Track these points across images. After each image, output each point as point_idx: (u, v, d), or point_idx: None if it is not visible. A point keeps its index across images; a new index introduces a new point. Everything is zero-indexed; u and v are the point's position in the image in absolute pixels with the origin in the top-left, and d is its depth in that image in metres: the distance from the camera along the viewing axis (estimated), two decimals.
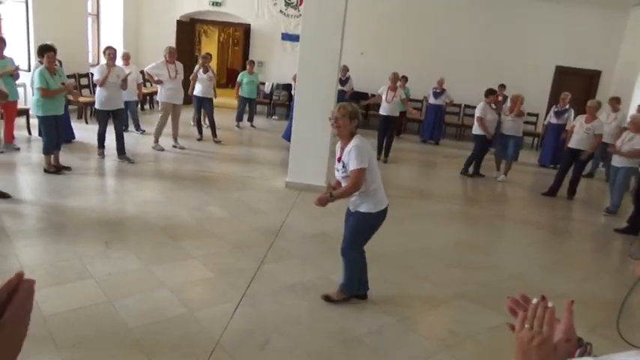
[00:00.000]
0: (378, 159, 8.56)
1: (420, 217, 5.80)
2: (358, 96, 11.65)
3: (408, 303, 3.71)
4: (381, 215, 3.44)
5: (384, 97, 8.38)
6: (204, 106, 8.51)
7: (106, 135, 6.76)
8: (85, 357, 2.72)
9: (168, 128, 7.79)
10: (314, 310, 3.46)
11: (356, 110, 3.38)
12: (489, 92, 7.94)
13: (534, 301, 0.93)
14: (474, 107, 8.26)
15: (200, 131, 8.69)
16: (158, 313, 3.20)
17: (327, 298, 3.55)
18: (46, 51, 5.80)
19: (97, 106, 6.64)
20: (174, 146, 7.84)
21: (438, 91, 10.60)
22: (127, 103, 8.27)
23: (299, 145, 6.20)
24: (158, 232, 4.56)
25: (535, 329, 0.89)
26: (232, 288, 3.64)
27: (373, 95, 11.45)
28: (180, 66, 7.78)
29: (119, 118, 6.75)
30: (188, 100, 8.72)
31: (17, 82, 6.86)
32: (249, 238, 4.63)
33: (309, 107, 6.05)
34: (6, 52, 6.72)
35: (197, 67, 8.50)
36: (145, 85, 10.06)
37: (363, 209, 3.39)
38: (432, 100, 10.68)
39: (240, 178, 6.71)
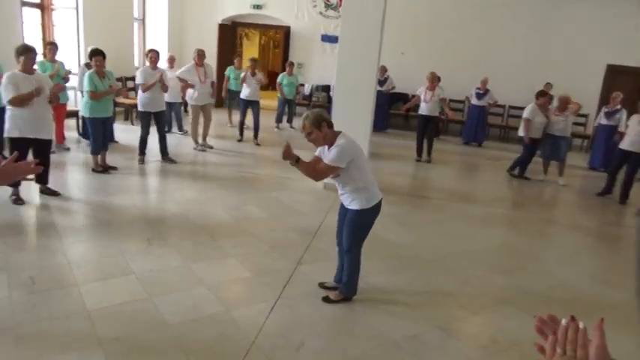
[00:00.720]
0: (418, 160, 8.46)
1: (462, 220, 5.65)
2: (397, 97, 11.54)
3: (448, 308, 3.60)
4: (375, 210, 3.42)
5: (422, 97, 8.29)
6: (252, 108, 8.59)
7: (149, 138, 6.90)
8: (126, 351, 2.78)
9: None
10: (350, 313, 3.41)
11: (317, 115, 3.32)
12: (540, 94, 7.63)
13: (563, 322, 0.86)
14: (520, 108, 8.00)
15: (241, 132, 8.80)
16: (196, 310, 3.24)
17: (327, 300, 3.51)
18: (95, 55, 6.02)
19: (139, 107, 6.82)
20: (203, 145, 7.97)
21: (481, 92, 10.33)
22: (171, 104, 8.50)
23: None
24: (198, 230, 4.64)
25: (568, 354, 0.81)
26: (268, 288, 3.64)
27: (413, 96, 11.33)
28: (210, 68, 7.93)
29: (161, 120, 6.91)
30: (220, 101, 8.86)
31: (67, 84, 7.15)
32: (287, 239, 4.63)
33: (347, 108, 6.00)
34: (57, 57, 7.02)
35: (246, 70, 8.62)
36: None
37: (355, 206, 3.36)
38: (474, 101, 10.42)
39: (278, 178, 6.74)
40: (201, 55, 7.68)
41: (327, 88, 11.51)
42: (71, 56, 8.98)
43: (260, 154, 8.13)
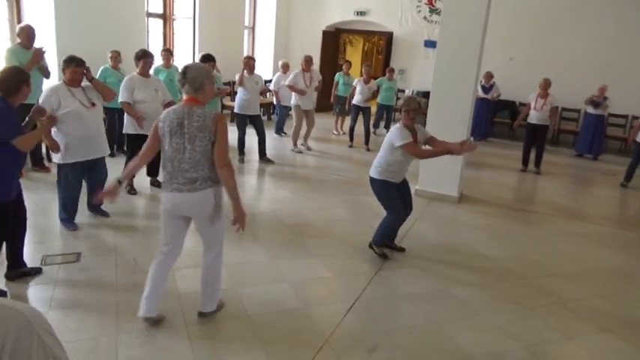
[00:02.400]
0: (523, 170, 7.94)
1: (566, 238, 5.20)
2: (504, 105, 10.93)
3: (540, 329, 3.34)
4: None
5: (532, 105, 7.78)
6: (363, 114, 8.72)
7: (246, 138, 7.26)
8: (211, 335, 2.96)
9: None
10: (429, 323, 3.30)
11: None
12: None
13: None
14: None
15: (351, 138, 8.87)
16: (275, 304, 3.35)
17: (371, 246, 4.30)
18: (207, 60, 6.48)
19: (235, 110, 7.21)
20: (302, 145, 8.23)
21: (598, 100, 9.42)
22: (284, 107, 8.91)
23: None
24: (285, 228, 4.79)
25: None
26: (348, 289, 3.66)
27: (522, 104, 10.66)
28: (315, 73, 8.13)
29: (258, 122, 7.23)
30: (327, 106, 9.01)
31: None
32: None
33: (443, 114, 5.83)
34: (175, 63, 7.67)
35: (358, 79, 8.82)
36: None
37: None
38: (590, 110, 9.54)
39: (367, 182, 6.72)
40: (307, 60, 7.96)
41: (427, 95, 11.25)
42: (187, 62, 9.77)
43: (356, 158, 8.16)
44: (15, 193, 3.29)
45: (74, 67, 4.09)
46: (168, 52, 7.49)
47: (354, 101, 8.76)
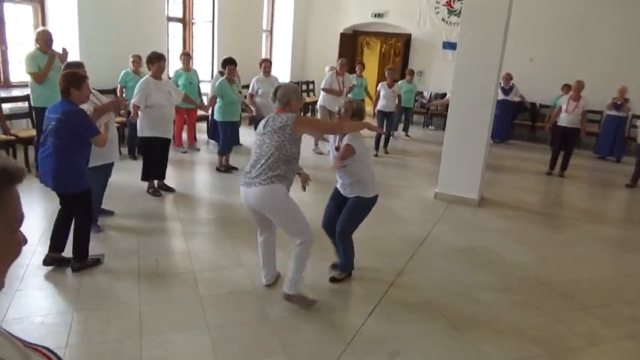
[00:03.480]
0: (549, 174, 7.80)
1: (590, 242, 5.11)
2: (525, 107, 10.80)
3: (564, 335, 3.28)
4: (373, 201, 3.75)
5: (564, 108, 7.66)
6: (388, 120, 8.51)
7: None
8: (230, 338, 2.97)
9: None
10: (451, 328, 3.27)
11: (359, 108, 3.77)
12: None
13: None
14: None
15: (377, 146, 8.41)
16: (296, 307, 3.34)
17: (333, 279, 3.78)
18: (228, 63, 6.54)
19: (254, 113, 7.20)
20: (313, 150, 8.19)
21: (619, 102, 9.24)
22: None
23: (451, 156, 5.96)
24: None
25: None
26: (369, 293, 3.65)
27: (543, 106, 10.52)
28: (347, 78, 8.16)
29: None
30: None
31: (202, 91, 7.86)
32: (391, 246, 4.59)
33: (463, 116, 5.78)
34: (195, 67, 7.75)
35: (381, 83, 8.62)
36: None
37: (359, 194, 3.68)
38: (611, 112, 9.36)
39: (389, 186, 6.69)
40: (343, 64, 7.99)
41: (444, 96, 11.17)
42: (206, 65, 9.87)
43: (373, 161, 8.11)
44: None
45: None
46: (187, 56, 7.57)
47: (379, 107, 8.43)
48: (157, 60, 5.26)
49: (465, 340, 3.14)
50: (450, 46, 11.40)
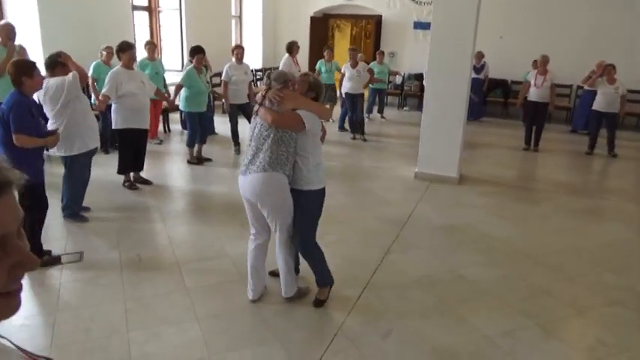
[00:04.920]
0: (526, 149, 7.93)
1: (569, 214, 5.21)
2: (496, 84, 10.92)
3: (550, 306, 3.34)
4: (323, 193, 3.12)
5: (532, 82, 7.76)
6: (357, 102, 8.30)
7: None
8: (222, 329, 2.92)
9: None
10: (440, 304, 3.29)
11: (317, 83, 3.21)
12: None
13: None
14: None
15: (353, 128, 8.34)
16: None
17: (319, 303, 3.20)
18: (196, 52, 6.35)
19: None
20: None
21: (592, 75, 9.38)
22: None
23: (429, 135, 5.98)
24: None
25: None
26: (356, 275, 3.63)
27: (515, 83, 10.64)
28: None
29: (248, 111, 7.07)
30: None
31: (168, 81, 7.59)
32: (375, 228, 4.58)
33: (440, 96, 5.78)
34: (164, 56, 7.52)
35: (345, 64, 8.42)
36: None
37: (310, 187, 3.01)
38: (586, 87, 9.49)
39: (368, 168, 6.70)
40: (296, 47, 7.90)
41: (419, 77, 11.18)
42: (176, 54, 9.62)
43: (350, 143, 8.09)
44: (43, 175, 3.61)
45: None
46: (152, 45, 7.34)
47: (346, 89, 8.26)
48: (128, 49, 5.10)
49: (455, 315, 3.16)
50: (421, 26, 11.40)
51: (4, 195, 0.67)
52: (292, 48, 8.22)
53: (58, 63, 4.03)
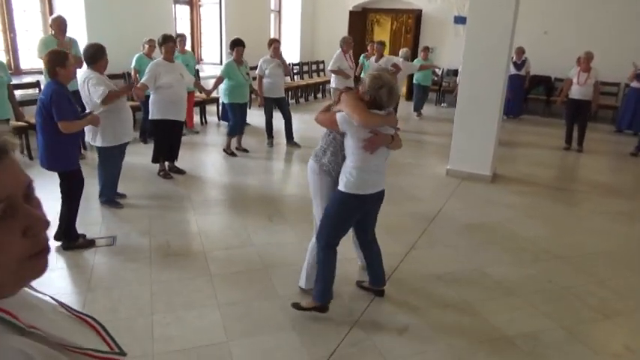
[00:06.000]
0: (567, 148, 7.67)
1: (606, 216, 5.01)
2: (539, 80, 10.57)
3: (576, 309, 3.24)
4: (352, 200, 2.85)
5: (575, 80, 7.50)
6: None
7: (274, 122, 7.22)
8: (241, 315, 2.99)
9: None
10: (461, 303, 3.25)
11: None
12: None
13: None
14: None
15: None
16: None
17: (295, 305, 3.02)
18: (236, 45, 6.46)
19: (264, 94, 7.09)
20: None
21: (639, 72, 8.96)
22: None
23: (462, 131, 5.87)
24: None
25: None
26: None
27: (558, 80, 10.27)
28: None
29: (283, 105, 7.16)
30: None
31: (202, 74, 7.72)
32: (402, 223, 4.56)
33: (474, 92, 5.67)
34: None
35: (371, 58, 8.40)
36: None
37: (340, 187, 2.88)
38: (634, 84, 9.08)
39: (401, 164, 6.63)
40: (349, 42, 7.84)
41: (457, 73, 10.98)
42: (215, 47, 9.81)
43: None
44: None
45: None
46: (183, 38, 7.51)
47: None
48: (166, 41, 5.27)
49: (476, 314, 3.12)
50: (461, 20, 11.15)
51: (5, 158, 0.68)
52: (344, 43, 8.15)
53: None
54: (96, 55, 4.20)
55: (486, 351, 2.79)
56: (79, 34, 6.70)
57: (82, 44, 6.51)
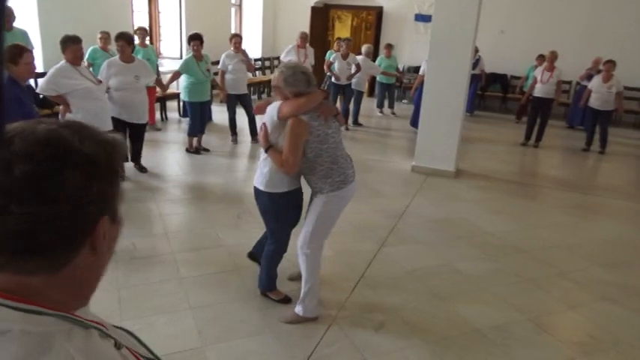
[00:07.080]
0: (524, 144, 7.94)
1: (565, 210, 5.22)
2: (495, 78, 10.89)
3: (542, 301, 3.36)
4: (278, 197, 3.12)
5: (539, 78, 7.78)
6: (345, 94, 8.26)
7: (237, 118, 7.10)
8: (216, 318, 2.93)
9: None
10: (433, 298, 3.31)
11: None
12: None
13: None
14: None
15: (346, 120, 8.21)
16: (279, 284, 3.31)
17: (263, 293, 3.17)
18: (193, 39, 6.29)
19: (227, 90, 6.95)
20: None
21: (593, 73, 9.36)
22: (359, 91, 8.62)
23: (427, 128, 5.97)
24: None
25: None
26: (351, 268, 3.64)
27: (514, 77, 10.62)
28: (310, 51, 7.94)
29: (246, 102, 7.05)
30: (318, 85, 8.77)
31: (161, 69, 7.52)
32: (371, 220, 4.59)
33: (439, 90, 5.77)
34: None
35: (335, 53, 8.30)
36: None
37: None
38: (586, 83, 9.48)
39: (365, 160, 6.67)
40: (303, 37, 7.75)
41: (419, 70, 11.14)
42: (175, 41, 9.55)
43: (347, 136, 8.07)
44: None
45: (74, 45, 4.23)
46: (143, 32, 7.27)
47: (333, 79, 8.14)
48: (116, 40, 5.08)
49: (448, 309, 3.18)
50: (422, 18, 11.35)
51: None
52: (299, 37, 8.03)
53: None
54: (64, 45, 4.17)
55: (460, 344, 2.84)
56: (31, 28, 6.35)
57: (33, 36, 6.22)
